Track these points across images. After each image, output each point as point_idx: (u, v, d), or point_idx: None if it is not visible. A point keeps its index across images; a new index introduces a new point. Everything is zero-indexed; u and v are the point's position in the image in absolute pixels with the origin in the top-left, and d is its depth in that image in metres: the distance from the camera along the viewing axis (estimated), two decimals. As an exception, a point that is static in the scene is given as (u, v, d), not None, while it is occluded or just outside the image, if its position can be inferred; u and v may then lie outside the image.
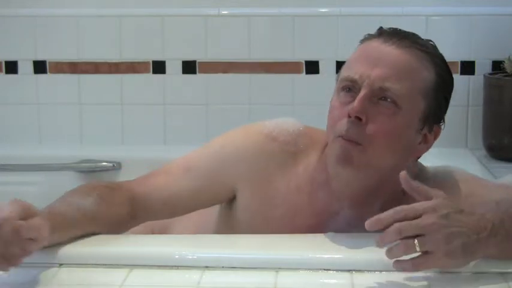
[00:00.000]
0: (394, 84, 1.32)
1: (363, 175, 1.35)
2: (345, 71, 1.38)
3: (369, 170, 1.34)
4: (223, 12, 2.57)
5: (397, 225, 1.15)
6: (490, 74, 2.45)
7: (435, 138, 1.41)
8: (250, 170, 1.44)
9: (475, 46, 2.50)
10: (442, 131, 1.43)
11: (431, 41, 1.42)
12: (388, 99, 1.32)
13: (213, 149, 1.48)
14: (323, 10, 2.54)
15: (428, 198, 1.19)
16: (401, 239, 1.15)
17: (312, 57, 2.53)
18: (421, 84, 1.35)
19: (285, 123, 1.48)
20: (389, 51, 1.35)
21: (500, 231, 1.18)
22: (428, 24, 2.48)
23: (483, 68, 2.49)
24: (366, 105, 1.32)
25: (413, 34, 1.40)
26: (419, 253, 1.16)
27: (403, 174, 1.22)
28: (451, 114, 1.43)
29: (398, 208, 1.18)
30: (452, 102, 1.39)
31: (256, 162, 1.44)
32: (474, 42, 2.50)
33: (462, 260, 1.16)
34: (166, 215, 1.50)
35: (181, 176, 1.45)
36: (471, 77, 2.50)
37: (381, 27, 1.41)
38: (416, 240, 1.14)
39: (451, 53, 2.51)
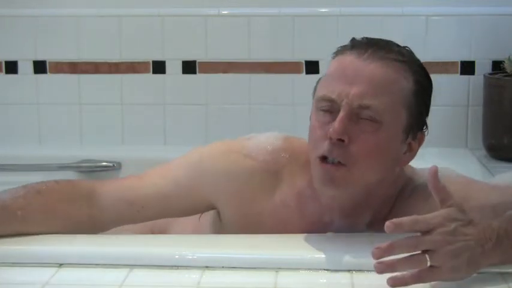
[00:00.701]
0: (373, 101, 1.29)
1: (350, 192, 1.34)
2: (321, 90, 1.35)
3: (355, 186, 1.33)
4: (223, 12, 2.57)
5: (413, 240, 1.13)
6: (490, 74, 2.44)
7: (419, 144, 1.38)
8: (230, 187, 1.42)
9: (475, 46, 2.50)
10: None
11: (406, 47, 1.38)
12: (369, 116, 1.30)
13: (191, 159, 1.46)
14: (323, 10, 2.54)
15: (444, 202, 1.17)
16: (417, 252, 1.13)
17: (312, 57, 2.54)
18: (400, 96, 1.32)
19: (264, 141, 1.45)
20: (365, 66, 1.31)
21: (504, 242, 1.17)
22: (428, 24, 2.48)
23: (483, 68, 2.49)
24: (347, 125, 1.28)
25: (387, 42, 1.36)
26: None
27: (433, 169, 1.17)
28: (451, 114, 1.43)
29: (415, 219, 1.14)
30: (452, 102, 1.39)
31: (236, 181, 1.42)
32: (474, 42, 2.50)
33: (466, 273, 1.15)
34: (135, 217, 1.45)
35: (154, 180, 1.44)
36: (471, 77, 2.50)
37: (353, 38, 1.37)
38: (427, 255, 1.12)
39: (451, 53, 2.53)
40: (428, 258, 1.12)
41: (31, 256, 1.28)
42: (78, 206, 1.39)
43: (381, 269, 1.11)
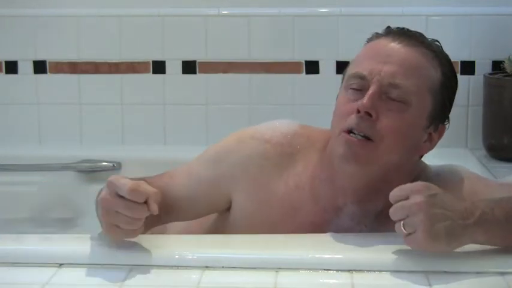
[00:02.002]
0: (403, 81, 1.33)
1: (368, 171, 1.35)
2: (353, 68, 1.38)
3: (376, 165, 1.34)
4: (223, 12, 2.57)
5: (390, 209, 1.19)
6: (490, 74, 2.45)
7: (439, 137, 1.41)
8: (244, 173, 1.44)
9: (475, 46, 2.50)
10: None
11: (437, 41, 1.43)
12: (398, 96, 1.33)
13: (208, 155, 1.48)
14: (323, 10, 2.53)
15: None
16: (396, 221, 1.19)
17: (312, 57, 2.53)
18: (428, 83, 1.36)
19: (278, 125, 1.48)
20: (398, 49, 1.36)
21: (489, 219, 1.19)
22: (428, 24, 2.47)
23: (483, 68, 2.49)
24: (376, 101, 1.32)
25: (420, 34, 1.42)
26: None
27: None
28: (451, 114, 1.43)
29: (393, 191, 1.21)
30: (452, 102, 1.40)
31: (250, 166, 1.43)
32: (474, 42, 2.50)
33: (446, 242, 1.17)
34: (169, 218, 1.48)
35: (182, 181, 1.46)
36: (471, 77, 2.50)
37: (389, 27, 1.42)
38: (402, 222, 1.17)
39: (451, 53, 2.48)
40: (403, 225, 1.17)
41: (31, 256, 1.28)
42: None
43: None
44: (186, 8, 2.58)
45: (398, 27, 1.42)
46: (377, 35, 1.41)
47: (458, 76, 2.54)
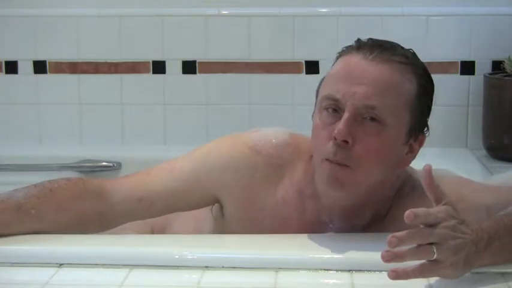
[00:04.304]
0: (378, 102, 1.29)
1: (353, 194, 1.34)
2: (325, 89, 1.34)
3: (359, 188, 1.33)
4: (223, 12, 2.57)
5: (426, 231, 1.13)
6: (490, 74, 2.44)
7: (420, 146, 1.38)
8: (235, 180, 1.43)
9: (475, 46, 2.50)
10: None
11: (410, 49, 1.38)
12: (373, 117, 1.30)
13: (199, 154, 1.47)
14: (323, 10, 2.54)
15: (439, 201, 1.17)
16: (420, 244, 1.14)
17: (312, 57, 2.54)
18: (405, 98, 1.33)
19: (270, 134, 1.46)
20: (371, 67, 1.31)
21: (494, 243, 1.18)
22: (429, 24, 2.48)
23: (483, 68, 2.49)
24: (352, 126, 1.29)
25: (392, 44, 1.37)
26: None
27: (427, 168, 1.17)
28: (451, 114, 1.43)
29: (427, 211, 1.14)
30: (452, 102, 1.39)
31: (241, 173, 1.42)
32: (474, 42, 2.50)
33: (461, 271, 1.16)
34: (144, 213, 1.46)
35: (162, 176, 1.44)
36: (471, 77, 2.50)
37: (359, 39, 1.38)
38: (434, 247, 1.12)
39: (451, 53, 2.53)
40: (435, 250, 1.12)
41: (31, 256, 1.28)
42: (89, 203, 1.40)
43: (389, 257, 1.11)
44: (186, 8, 2.58)
45: (369, 39, 1.37)
46: (348, 49, 1.37)
47: (459, 76, 2.56)
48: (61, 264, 1.26)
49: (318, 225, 1.40)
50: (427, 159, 1.46)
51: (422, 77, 1.36)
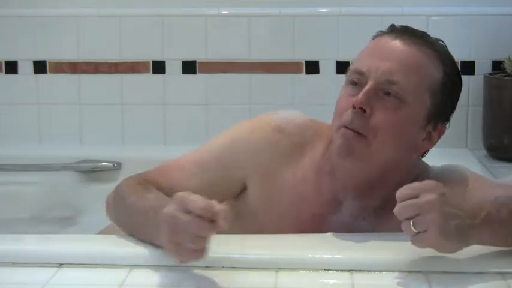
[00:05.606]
0: (401, 78, 1.33)
1: (365, 166, 1.36)
2: (354, 64, 1.40)
3: (371, 161, 1.35)
4: (223, 12, 2.57)
5: (396, 208, 1.17)
6: (490, 74, 2.45)
7: (439, 136, 1.41)
8: (259, 161, 1.45)
9: (475, 46, 2.50)
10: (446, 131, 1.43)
11: (441, 40, 1.43)
12: (394, 93, 1.33)
13: (222, 142, 1.49)
14: (323, 10, 2.53)
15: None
16: (404, 219, 1.16)
17: (312, 57, 2.53)
18: (428, 81, 1.36)
19: (291, 115, 1.51)
20: (399, 46, 1.37)
21: (495, 220, 1.20)
22: (429, 24, 2.47)
23: (483, 68, 2.49)
24: (371, 97, 1.33)
25: (424, 33, 1.42)
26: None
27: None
28: (451, 114, 1.44)
29: (407, 186, 1.19)
30: (453, 102, 1.40)
31: (264, 154, 1.45)
32: (474, 42, 2.50)
33: (456, 242, 1.17)
34: None
35: (194, 171, 1.46)
36: (471, 77, 2.50)
37: (393, 25, 1.43)
38: (411, 221, 1.15)
39: (452, 53, 2.52)
40: (412, 224, 1.15)
41: (31, 256, 1.28)
42: None
43: None
44: (186, 8, 2.58)
45: (402, 26, 1.42)
46: (381, 33, 1.42)
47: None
48: (61, 264, 1.26)
49: (333, 205, 1.41)
50: (427, 159, 1.47)
51: (449, 68, 1.39)
